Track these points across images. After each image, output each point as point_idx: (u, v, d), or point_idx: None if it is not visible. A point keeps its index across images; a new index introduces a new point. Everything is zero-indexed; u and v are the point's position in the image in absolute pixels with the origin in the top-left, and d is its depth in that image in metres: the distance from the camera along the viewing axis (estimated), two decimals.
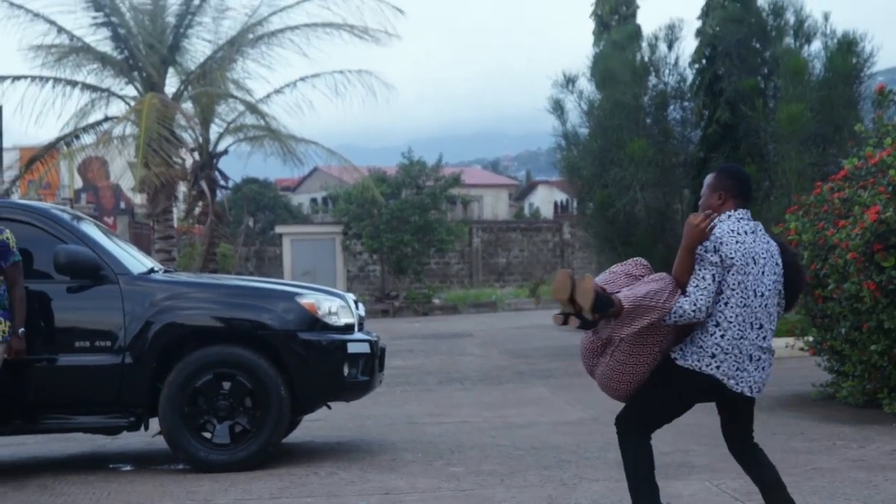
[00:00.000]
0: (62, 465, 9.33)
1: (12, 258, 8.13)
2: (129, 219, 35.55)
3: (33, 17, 23.82)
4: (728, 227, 5.50)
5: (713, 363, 5.41)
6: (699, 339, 5.44)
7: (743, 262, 5.43)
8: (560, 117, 18.78)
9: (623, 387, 5.71)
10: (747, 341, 5.42)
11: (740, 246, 5.45)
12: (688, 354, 5.46)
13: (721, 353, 5.41)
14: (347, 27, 24.89)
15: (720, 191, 5.65)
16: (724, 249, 5.41)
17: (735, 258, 5.42)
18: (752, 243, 5.50)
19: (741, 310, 5.42)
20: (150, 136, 22.14)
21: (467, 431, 10.28)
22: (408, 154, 38.19)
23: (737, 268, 5.42)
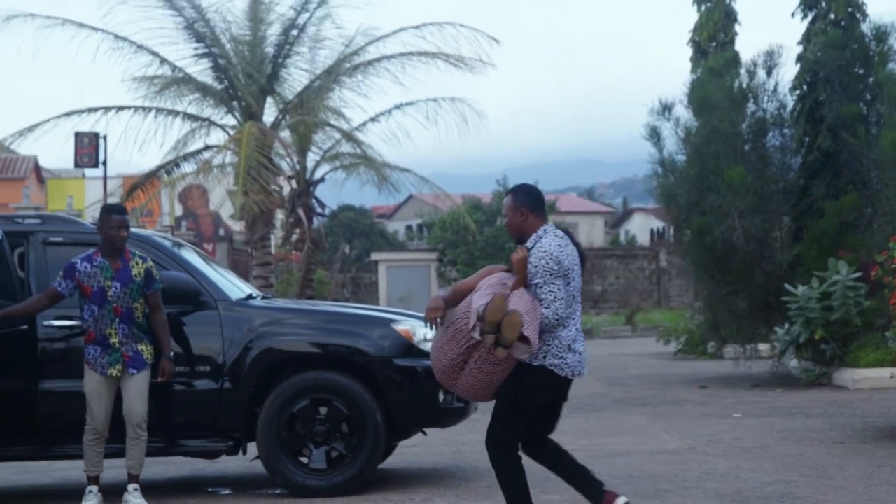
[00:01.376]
0: (162, 488, 9.46)
1: (155, 285, 8.36)
2: (227, 245, 36.09)
3: (137, 49, 24.35)
4: (555, 241, 6.28)
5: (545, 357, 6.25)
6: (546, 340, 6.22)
7: (570, 271, 6.27)
8: (657, 144, 18.64)
9: (490, 391, 6.42)
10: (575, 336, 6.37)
11: (568, 257, 6.28)
12: (539, 355, 6.21)
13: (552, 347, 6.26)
14: (443, 56, 25.03)
15: (521, 208, 6.42)
16: (563, 262, 6.21)
17: (570, 267, 6.25)
18: (571, 254, 6.33)
19: (571, 311, 6.31)
20: (249, 165, 22.47)
21: None
22: (503, 181, 38.26)
23: (570, 275, 6.26)
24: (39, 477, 10.59)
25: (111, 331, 8.20)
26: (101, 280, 8.21)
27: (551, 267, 6.20)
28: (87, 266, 8.23)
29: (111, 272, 8.23)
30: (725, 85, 18.14)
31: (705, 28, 28.24)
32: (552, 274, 6.19)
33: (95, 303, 8.20)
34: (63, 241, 8.98)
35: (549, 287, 6.19)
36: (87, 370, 8.23)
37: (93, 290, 8.20)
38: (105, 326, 8.20)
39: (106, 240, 8.30)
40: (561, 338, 6.29)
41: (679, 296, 42.04)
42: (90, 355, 8.22)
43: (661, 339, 25.95)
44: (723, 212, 17.13)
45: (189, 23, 24.51)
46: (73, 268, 8.23)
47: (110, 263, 8.27)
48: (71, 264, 8.26)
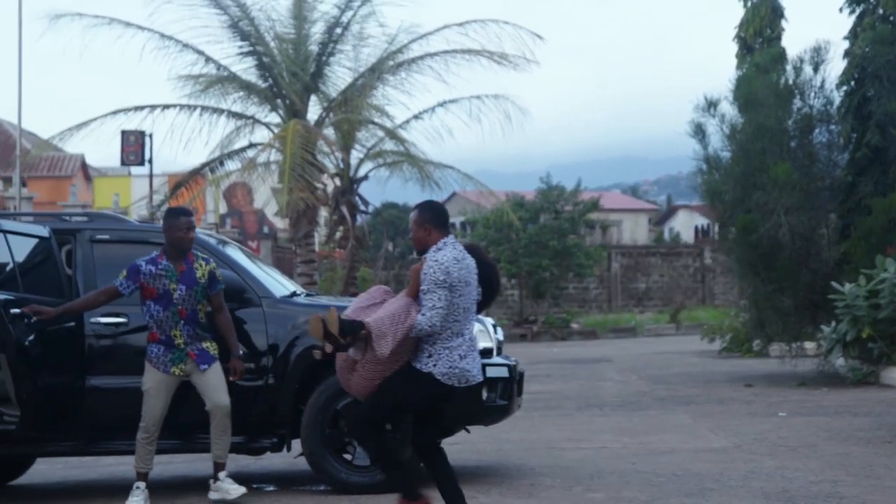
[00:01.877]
0: (208, 484, 9.51)
1: (218, 287, 8.43)
2: (272, 243, 36.27)
3: (182, 48, 24.50)
4: (451, 255, 6.63)
5: (430, 363, 6.58)
6: (428, 348, 6.59)
7: (461, 284, 6.59)
8: (701, 141, 18.53)
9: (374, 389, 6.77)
10: (467, 347, 6.64)
11: (461, 271, 6.61)
12: (423, 361, 6.58)
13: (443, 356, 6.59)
14: (486, 53, 24.98)
15: (425, 224, 6.78)
16: (452, 274, 6.53)
17: (460, 280, 6.57)
18: (466, 268, 6.67)
19: (454, 323, 6.57)
20: (293, 162, 22.55)
21: (607, 457, 10.18)
22: (546, 179, 38.12)
23: (457, 288, 6.56)
24: (86, 472, 10.70)
25: (176, 332, 8.26)
26: (165, 283, 8.24)
27: (437, 277, 6.54)
28: (152, 268, 8.25)
29: (176, 275, 8.26)
30: (771, 81, 18.01)
31: (751, 24, 28.02)
32: (437, 283, 6.54)
33: (160, 304, 8.24)
34: (109, 239, 9.06)
35: (431, 295, 6.54)
36: (149, 368, 8.27)
37: (158, 293, 8.24)
38: (170, 328, 8.26)
39: (172, 242, 8.32)
40: (451, 347, 6.61)
41: (724, 293, 41.77)
42: (153, 354, 8.26)
43: (706, 337, 25.81)
44: (768, 209, 17.01)
45: (234, 21, 24.64)
46: (137, 270, 8.25)
47: (175, 266, 8.29)
48: (135, 266, 8.26)
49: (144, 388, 8.25)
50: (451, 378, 6.62)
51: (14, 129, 35.41)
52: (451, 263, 6.59)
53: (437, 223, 6.80)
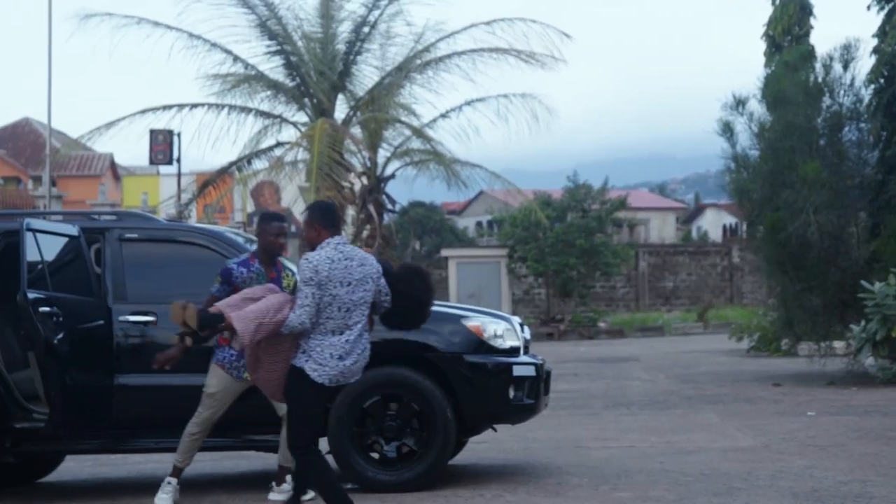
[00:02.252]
0: (235, 482, 9.56)
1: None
2: (299, 242, 36.32)
3: (211, 47, 24.61)
4: (325, 254, 6.82)
5: (303, 359, 6.74)
6: (303, 344, 6.75)
7: (333, 283, 6.73)
8: (729, 139, 18.45)
9: (276, 387, 6.97)
10: (347, 347, 6.79)
11: (333, 270, 6.76)
12: (299, 357, 6.76)
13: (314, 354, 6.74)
14: (514, 52, 24.97)
15: (315, 225, 6.98)
16: (321, 273, 6.72)
17: (331, 279, 6.74)
18: (344, 268, 6.81)
19: (327, 321, 6.73)
20: (321, 161, 22.60)
21: (634, 456, 10.15)
22: (573, 177, 38.05)
23: (327, 287, 6.72)
24: (115, 470, 10.75)
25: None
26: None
27: (306, 275, 6.75)
28: (244, 271, 8.13)
29: (265, 280, 8.10)
30: (800, 79, 17.91)
31: (779, 22, 27.91)
32: (304, 281, 6.74)
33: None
34: (138, 238, 9.10)
35: (301, 293, 6.76)
36: (218, 371, 8.17)
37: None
38: None
39: (264, 246, 8.24)
40: (325, 345, 6.75)
41: (752, 292, 41.58)
42: (225, 358, 8.15)
43: (734, 336, 25.70)
44: (797, 207, 16.91)
45: (261, 21, 24.73)
46: (229, 273, 8.13)
47: (266, 271, 8.19)
48: (227, 270, 8.16)
49: (209, 391, 8.16)
50: (324, 376, 6.73)
51: (44, 129, 35.63)
52: (322, 262, 6.77)
53: (325, 223, 7.00)
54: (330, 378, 6.76)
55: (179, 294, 8.85)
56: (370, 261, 7.03)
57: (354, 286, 6.83)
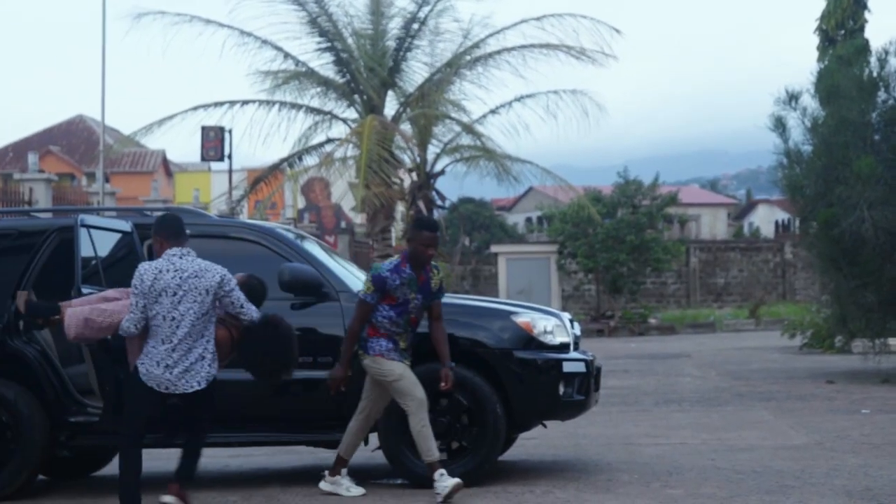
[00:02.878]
0: (287, 477, 9.61)
1: (442, 295, 8.49)
2: (349, 237, 36.44)
3: (261, 44, 24.74)
4: (155, 265, 7.29)
5: (142, 363, 7.26)
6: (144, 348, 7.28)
7: (155, 293, 7.19)
8: (782, 135, 18.28)
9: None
10: (158, 352, 7.21)
11: (157, 281, 7.20)
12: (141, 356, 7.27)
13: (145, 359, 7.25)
14: (564, 48, 24.88)
15: (157, 237, 7.50)
16: (145, 283, 7.21)
17: (155, 289, 7.20)
18: (171, 279, 7.22)
19: (155, 328, 7.20)
20: (370, 158, 22.65)
21: (685, 453, 10.09)
22: (624, 173, 37.88)
23: (150, 296, 7.19)
24: (167, 464, 10.82)
25: (403, 337, 8.32)
26: (406, 292, 8.25)
27: (134, 284, 7.27)
28: (396, 279, 8.22)
29: (417, 285, 8.28)
30: (854, 73, 17.70)
31: (833, 15, 27.66)
32: (132, 291, 7.28)
33: (396, 310, 8.26)
34: (190, 234, 9.15)
35: (131, 301, 7.31)
36: (385, 361, 8.21)
37: (398, 300, 8.24)
38: (398, 332, 8.29)
39: (413, 254, 8.30)
40: (154, 352, 7.26)
41: (805, 289, 41.19)
42: (382, 347, 8.24)
43: (786, 333, 25.46)
44: (851, 203, 16.73)
45: (312, 17, 24.83)
46: (383, 282, 8.20)
47: (417, 276, 8.29)
48: (381, 278, 8.21)
49: (394, 378, 8.17)
50: (151, 380, 7.24)
51: (98, 126, 36.00)
52: (148, 272, 7.25)
53: (167, 235, 7.46)
54: (157, 384, 7.25)
55: None
56: (208, 273, 7.33)
57: (181, 298, 7.22)
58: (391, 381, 8.19)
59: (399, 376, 8.17)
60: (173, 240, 7.45)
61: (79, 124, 56.45)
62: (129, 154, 50.89)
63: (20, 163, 42.45)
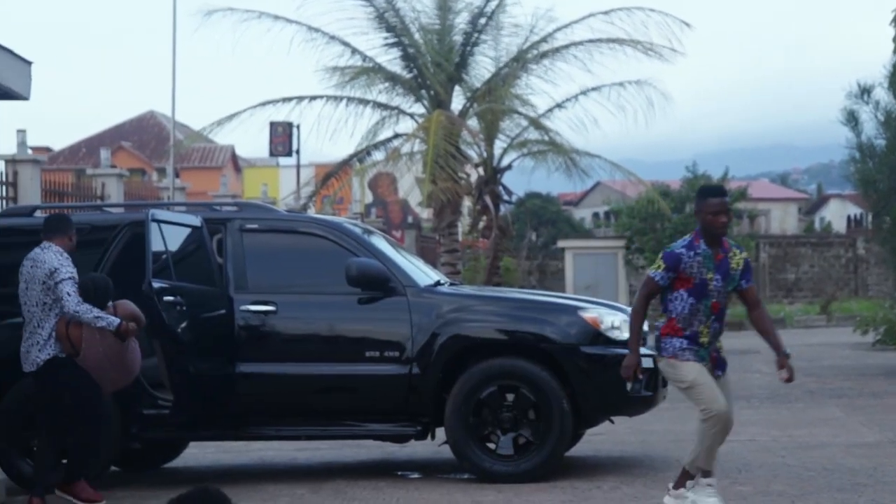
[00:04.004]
0: (354, 470, 9.66)
1: (751, 278, 7.55)
2: (416, 232, 36.50)
3: (329, 40, 24.82)
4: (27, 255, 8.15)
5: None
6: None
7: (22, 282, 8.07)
8: (854, 129, 18.02)
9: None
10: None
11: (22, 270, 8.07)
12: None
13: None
14: (632, 43, 24.70)
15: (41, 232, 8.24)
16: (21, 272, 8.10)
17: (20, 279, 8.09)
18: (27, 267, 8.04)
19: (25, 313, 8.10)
20: (437, 153, 22.66)
21: (754, 450, 9.99)
22: (692, 168, 37.57)
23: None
24: (237, 457, 10.95)
25: (704, 328, 7.32)
26: (703, 271, 7.25)
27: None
28: (691, 254, 7.25)
29: (713, 262, 7.27)
30: None
31: None
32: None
33: (694, 296, 7.24)
34: (259, 228, 9.24)
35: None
36: (678, 364, 7.29)
37: (694, 282, 7.24)
38: (699, 323, 7.30)
39: (705, 226, 7.32)
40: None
41: (877, 285, 40.59)
42: (676, 347, 7.30)
43: (859, 330, 25.07)
44: None
45: (379, 13, 24.87)
46: (678, 258, 7.28)
47: (713, 253, 7.31)
48: (675, 255, 7.31)
49: (686, 385, 7.26)
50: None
51: (168, 122, 36.41)
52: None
53: (42, 230, 8.20)
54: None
55: (300, 283, 9.02)
56: (41, 264, 7.97)
57: (27, 285, 8.03)
58: (683, 389, 7.32)
59: (691, 383, 7.23)
60: (44, 234, 8.16)
61: (150, 120, 57.13)
62: (199, 149, 51.40)
63: (93, 158, 43.05)
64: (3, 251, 8.63)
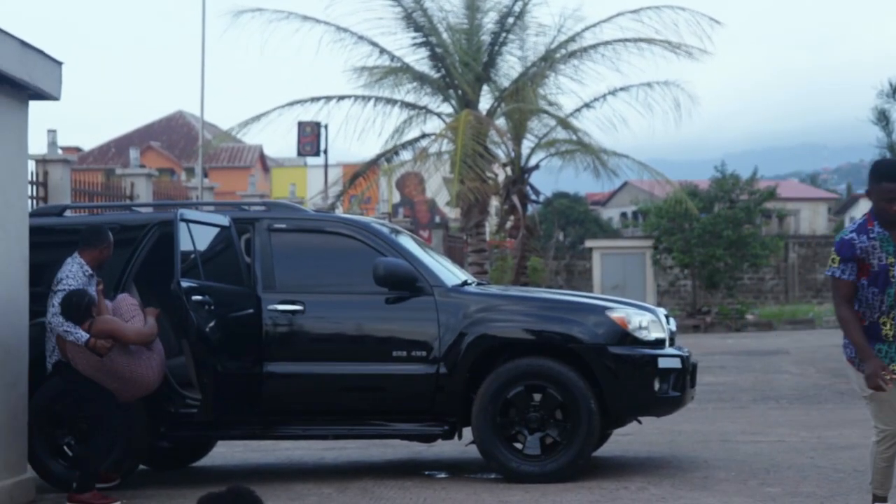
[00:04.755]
0: (381, 470, 9.68)
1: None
2: (443, 232, 36.52)
3: (357, 40, 24.86)
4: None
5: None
6: None
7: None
8: (885, 128, 17.96)
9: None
10: None
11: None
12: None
13: None
14: (661, 42, 24.62)
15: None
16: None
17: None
18: None
19: None
20: (465, 153, 22.66)
21: (783, 451, 9.95)
22: (721, 167, 37.42)
23: None
24: (264, 456, 10.98)
25: (886, 319, 6.46)
26: (882, 256, 6.42)
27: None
28: (864, 238, 6.41)
29: (893, 246, 6.41)
30: None
31: None
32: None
33: (875, 285, 6.42)
34: (286, 228, 9.27)
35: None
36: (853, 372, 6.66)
37: (872, 269, 6.42)
38: (879, 314, 6.47)
39: (878, 211, 6.43)
40: None
41: None
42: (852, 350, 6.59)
43: None
44: None
45: (407, 13, 24.90)
46: (850, 246, 6.45)
47: (890, 235, 6.42)
48: (846, 242, 6.47)
49: (864, 394, 6.53)
50: None
51: (197, 121, 36.59)
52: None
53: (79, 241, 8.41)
54: None
55: (327, 283, 9.04)
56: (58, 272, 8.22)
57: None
58: (863, 397, 6.57)
59: (867, 396, 6.46)
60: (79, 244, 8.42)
61: (178, 120, 57.41)
62: (227, 149, 51.58)
63: (122, 158, 43.29)
64: (34, 251, 8.68)
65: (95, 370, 8.04)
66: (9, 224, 8.30)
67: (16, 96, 8.40)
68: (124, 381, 8.13)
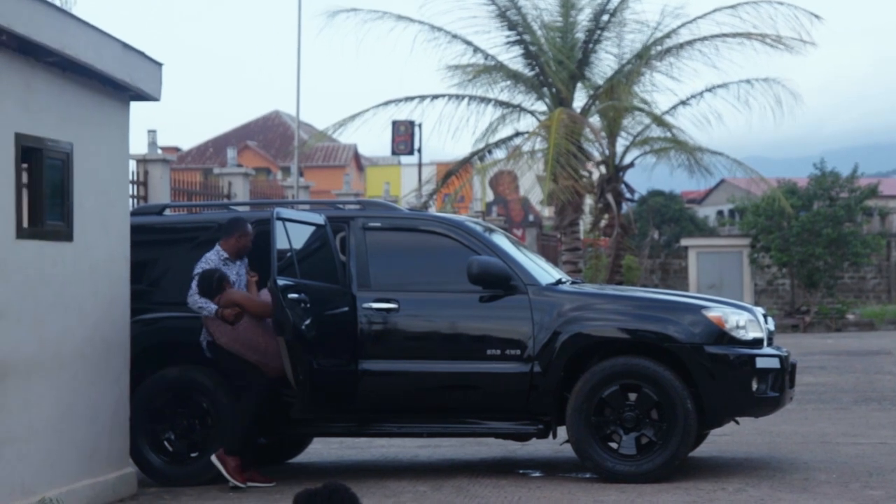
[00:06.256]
0: (475, 468, 9.67)
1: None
2: (537, 231, 36.44)
3: (451, 39, 24.91)
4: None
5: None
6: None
7: None
8: None
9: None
10: None
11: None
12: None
13: None
14: (759, 37, 24.28)
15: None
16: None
17: None
18: None
19: None
20: (558, 151, 22.58)
21: (886, 453, 9.74)
22: (820, 165, 36.79)
23: None
24: (360, 453, 11.05)
25: None
26: None
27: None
28: None
29: None
30: None
31: None
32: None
33: None
34: (381, 227, 9.31)
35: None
36: None
37: None
38: None
39: None
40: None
41: None
42: None
43: None
44: None
45: (501, 11, 24.88)
46: None
47: None
48: None
49: None
50: None
51: (293, 121, 36.94)
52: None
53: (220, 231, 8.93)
54: None
55: (421, 281, 9.07)
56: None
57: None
58: None
59: None
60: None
61: (275, 120, 58.05)
62: (322, 149, 52.04)
63: (219, 157, 43.94)
64: (134, 249, 8.83)
65: (233, 340, 8.57)
66: (111, 223, 8.47)
67: (118, 97, 8.57)
68: (261, 353, 8.59)
